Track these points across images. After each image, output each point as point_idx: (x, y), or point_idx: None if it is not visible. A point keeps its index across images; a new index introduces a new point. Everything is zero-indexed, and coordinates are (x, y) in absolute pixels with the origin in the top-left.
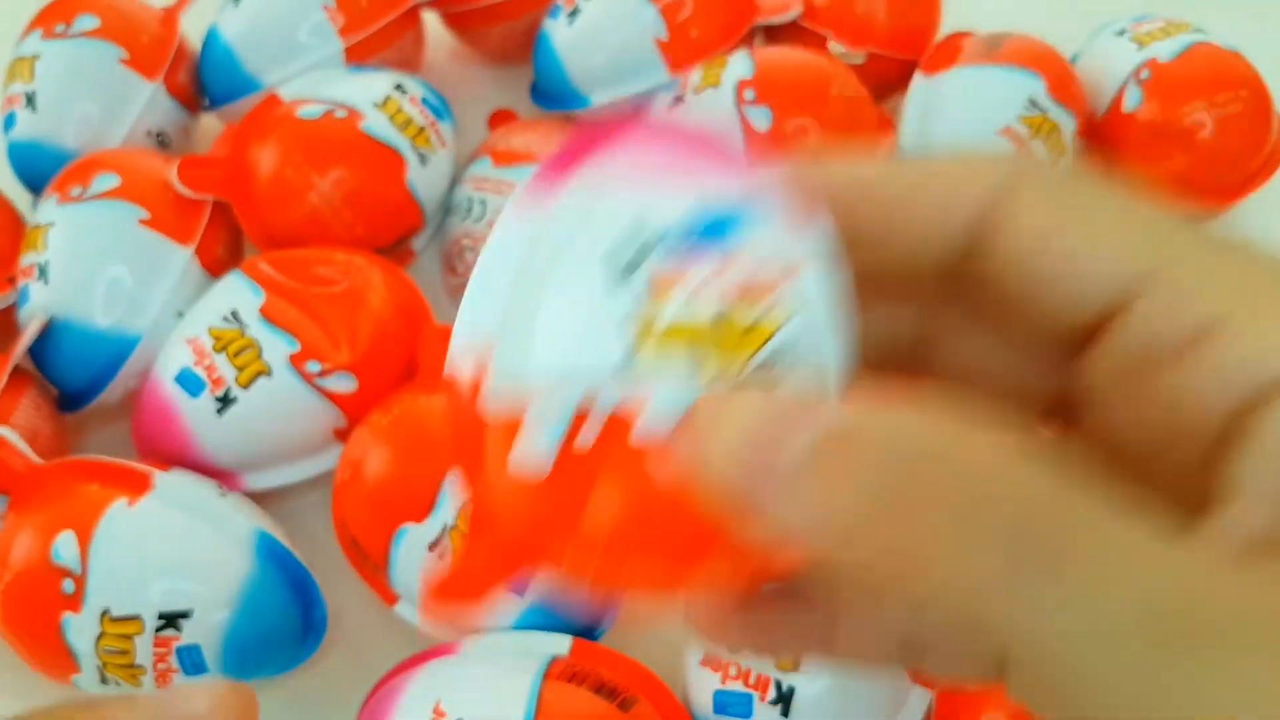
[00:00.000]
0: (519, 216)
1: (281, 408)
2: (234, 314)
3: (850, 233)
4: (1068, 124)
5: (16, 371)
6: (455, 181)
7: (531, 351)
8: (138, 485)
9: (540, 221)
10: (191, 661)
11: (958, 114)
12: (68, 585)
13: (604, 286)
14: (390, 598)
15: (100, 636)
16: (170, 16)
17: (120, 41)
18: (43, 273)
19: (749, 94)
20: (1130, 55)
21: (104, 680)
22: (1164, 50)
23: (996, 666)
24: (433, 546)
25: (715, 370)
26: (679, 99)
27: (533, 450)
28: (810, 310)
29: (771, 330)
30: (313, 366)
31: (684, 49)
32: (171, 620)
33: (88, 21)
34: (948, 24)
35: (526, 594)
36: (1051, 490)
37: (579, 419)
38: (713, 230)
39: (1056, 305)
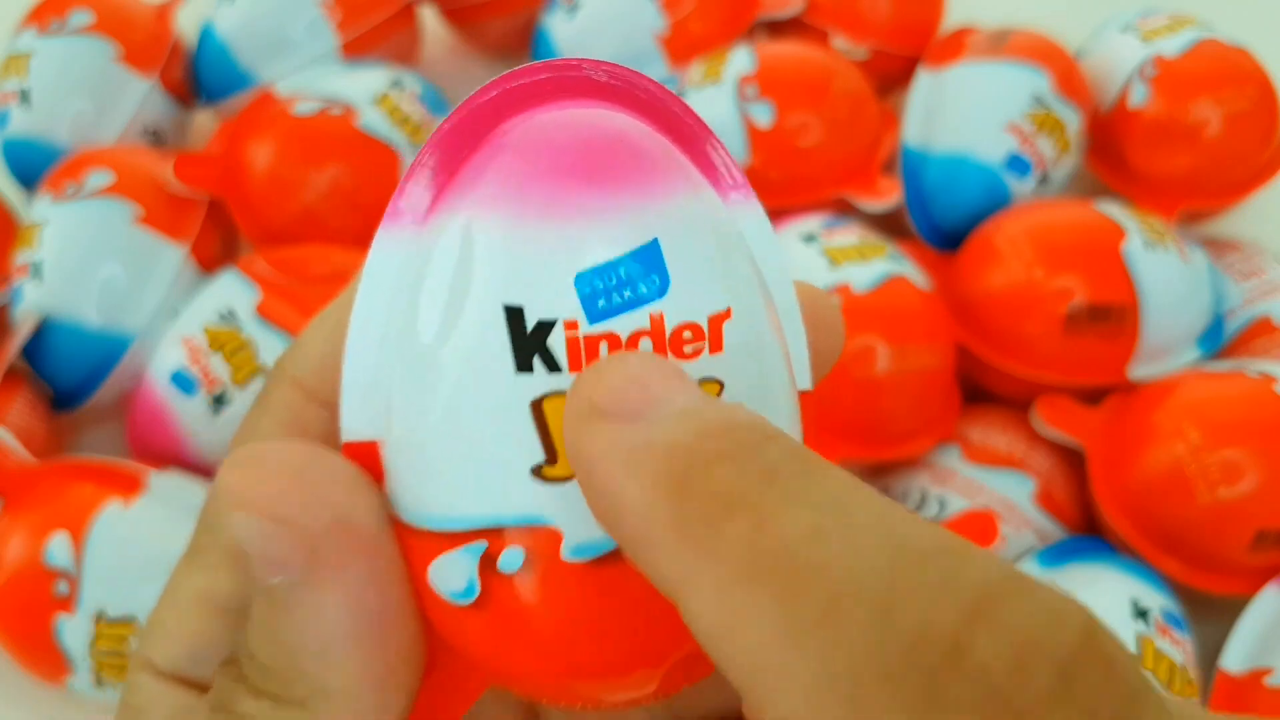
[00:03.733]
0: (392, 241)
1: None
2: (230, 312)
3: None
4: (1073, 120)
5: (10, 371)
6: None
7: (427, 460)
8: (132, 486)
9: (419, 253)
10: None
11: (962, 110)
12: (61, 587)
13: (506, 362)
14: None
15: (95, 638)
16: (165, 12)
17: (115, 38)
18: (37, 271)
19: (750, 90)
20: (1136, 51)
21: (99, 683)
22: (1170, 46)
23: None
24: None
25: None
26: (679, 94)
27: (453, 577)
28: (743, 354)
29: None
30: None
31: (685, 44)
32: None
33: (82, 18)
34: (951, 19)
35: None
36: None
37: (497, 541)
38: (630, 281)
39: None
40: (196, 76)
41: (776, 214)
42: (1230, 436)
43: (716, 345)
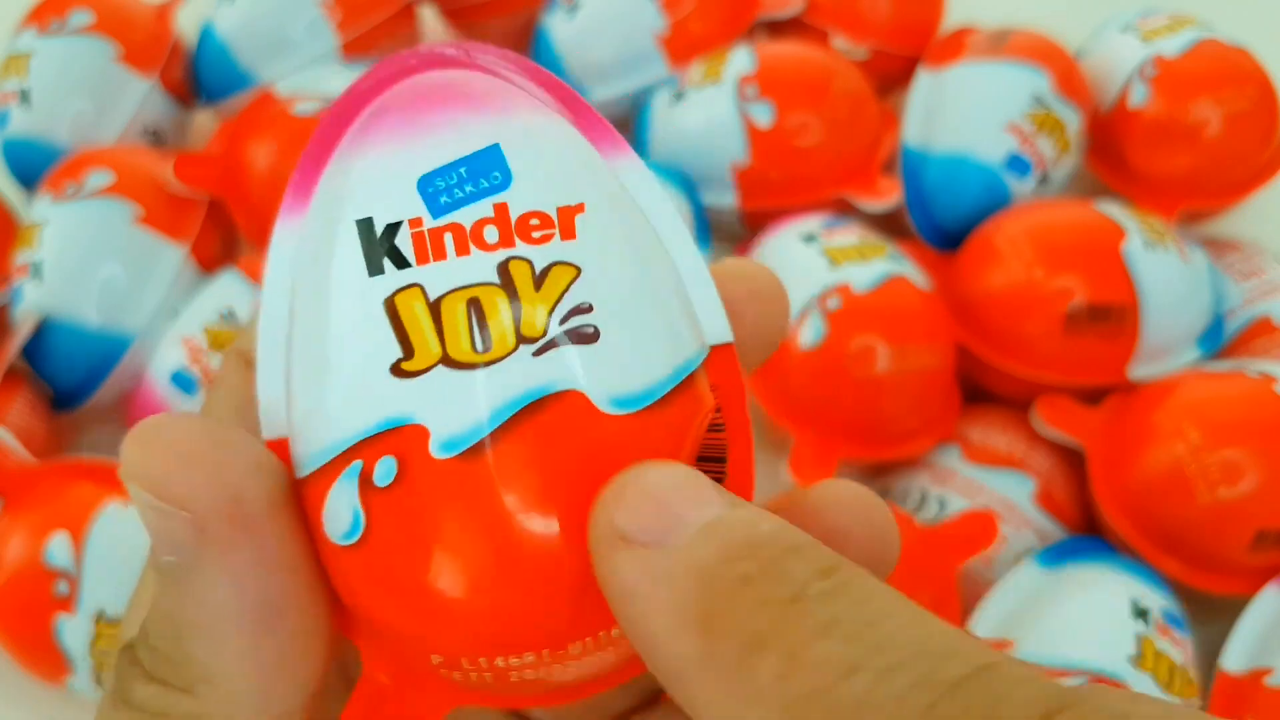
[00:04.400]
0: (282, 233)
1: None
2: (230, 312)
3: None
4: (1073, 120)
5: (10, 371)
6: None
7: (308, 401)
8: None
9: (299, 234)
10: None
11: (962, 110)
12: (61, 587)
13: (360, 271)
14: None
15: (95, 638)
16: (165, 12)
17: (115, 37)
18: (37, 271)
19: (751, 89)
20: (1136, 51)
21: (99, 683)
22: (1170, 46)
23: None
24: None
25: (506, 338)
26: (679, 94)
27: (340, 514)
28: (602, 246)
29: (568, 279)
30: None
31: (685, 44)
32: None
33: (82, 18)
34: (951, 19)
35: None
36: None
37: (370, 454)
38: (472, 178)
39: None
40: (196, 76)
41: (776, 214)
42: (1230, 436)
43: (569, 233)
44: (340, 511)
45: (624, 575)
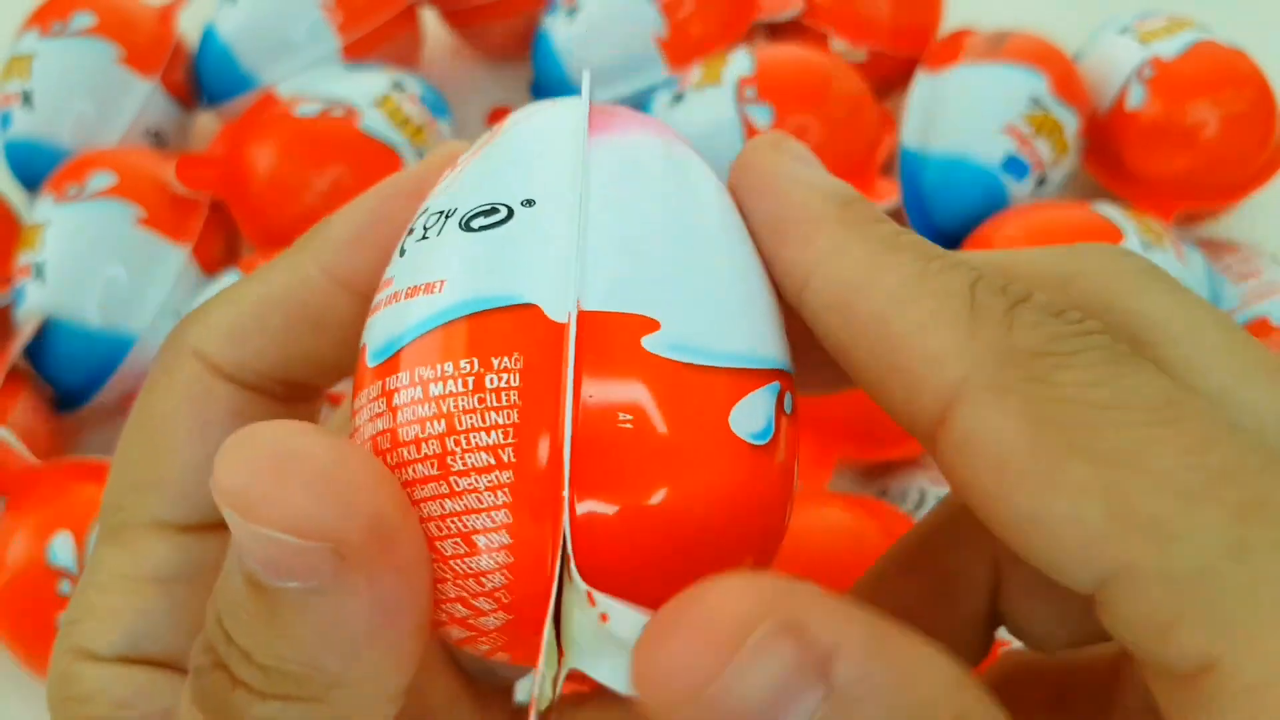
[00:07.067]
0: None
1: None
2: None
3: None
4: (1070, 122)
5: (13, 372)
6: None
7: (719, 303)
8: None
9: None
10: None
11: (960, 112)
12: (64, 586)
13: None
14: None
15: None
16: (167, 14)
17: (117, 39)
18: (39, 272)
19: (750, 92)
20: (1133, 53)
21: None
22: (1167, 48)
23: None
24: None
25: None
26: (679, 96)
27: (755, 417)
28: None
29: None
30: None
31: (684, 46)
32: None
33: (84, 20)
34: (950, 21)
35: None
36: None
37: (786, 383)
38: None
39: (1023, 555)
40: (198, 78)
41: None
42: None
43: None
44: (757, 414)
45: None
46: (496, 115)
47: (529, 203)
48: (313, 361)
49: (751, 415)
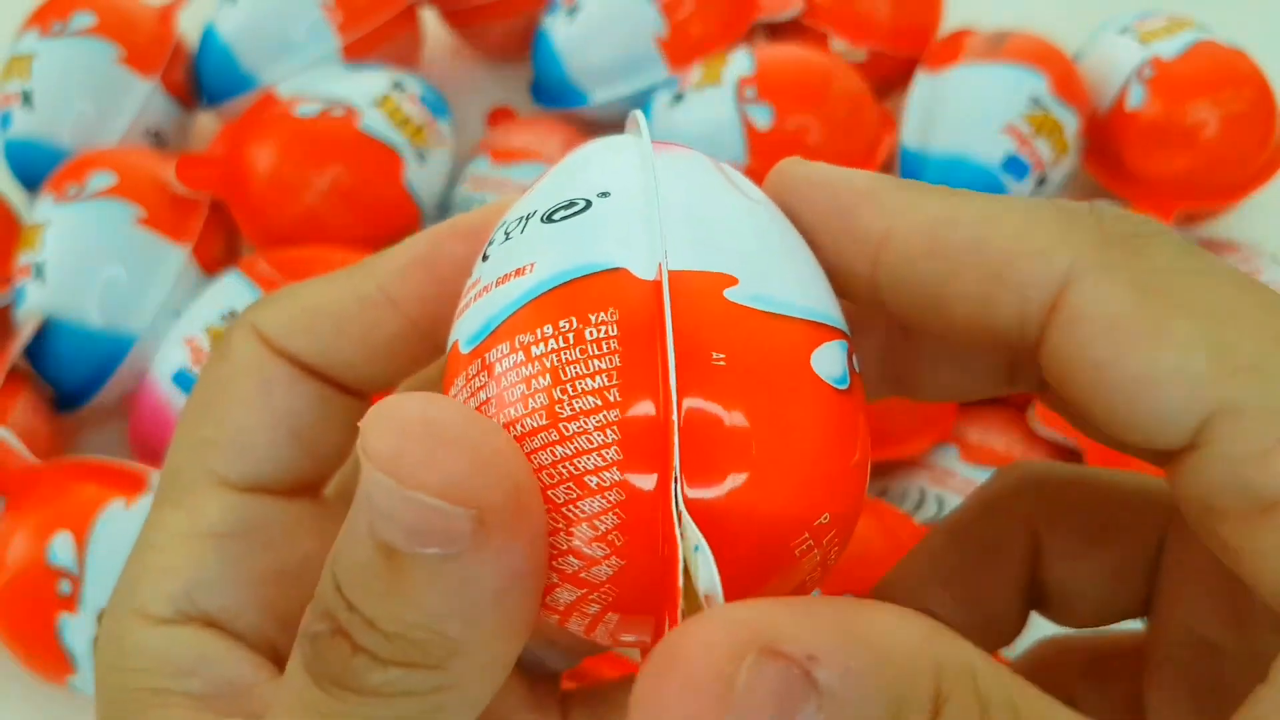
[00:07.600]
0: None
1: None
2: (232, 314)
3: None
4: (1070, 122)
5: (13, 371)
6: (454, 180)
7: (795, 265)
8: (134, 485)
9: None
10: None
11: (960, 112)
12: (64, 586)
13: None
14: None
15: (97, 638)
16: (167, 14)
17: (117, 39)
18: (39, 272)
19: (750, 92)
20: (1133, 53)
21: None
22: (1167, 48)
23: None
24: None
25: None
26: (679, 97)
27: (834, 364)
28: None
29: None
30: None
31: (684, 46)
32: None
33: (84, 19)
34: (950, 21)
35: None
36: None
37: (851, 344)
38: None
39: (1123, 425)
40: (198, 78)
41: None
42: None
43: None
44: (835, 362)
45: None
46: (496, 115)
47: (604, 194)
48: (350, 368)
49: (830, 362)
